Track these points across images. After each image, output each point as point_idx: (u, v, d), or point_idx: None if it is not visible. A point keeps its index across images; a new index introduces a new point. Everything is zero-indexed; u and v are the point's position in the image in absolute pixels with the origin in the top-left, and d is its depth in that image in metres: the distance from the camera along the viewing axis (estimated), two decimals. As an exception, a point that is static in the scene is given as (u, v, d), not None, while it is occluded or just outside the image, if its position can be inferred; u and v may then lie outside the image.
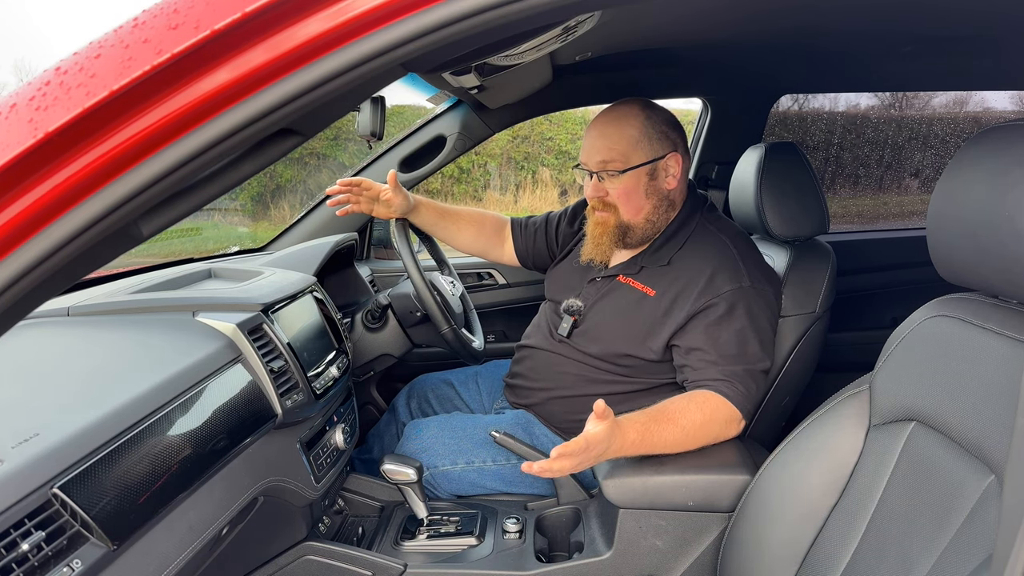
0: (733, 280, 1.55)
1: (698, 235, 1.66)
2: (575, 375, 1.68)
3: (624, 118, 1.63)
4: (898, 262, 2.57)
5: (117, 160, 0.58)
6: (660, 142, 1.62)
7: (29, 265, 0.58)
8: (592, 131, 1.66)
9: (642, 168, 1.61)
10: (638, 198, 1.63)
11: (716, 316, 1.52)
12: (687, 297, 1.56)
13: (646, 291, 1.62)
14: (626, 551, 1.42)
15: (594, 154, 1.63)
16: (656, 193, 1.64)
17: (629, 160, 1.60)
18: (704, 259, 1.60)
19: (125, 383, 1.11)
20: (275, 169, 6.13)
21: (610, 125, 1.63)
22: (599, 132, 1.64)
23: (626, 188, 1.61)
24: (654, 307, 1.59)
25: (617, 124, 1.63)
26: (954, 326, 1.03)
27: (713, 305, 1.53)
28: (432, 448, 1.69)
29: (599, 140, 1.63)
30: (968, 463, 0.93)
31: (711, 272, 1.57)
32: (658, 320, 1.58)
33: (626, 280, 1.67)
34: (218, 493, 1.19)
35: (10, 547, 0.82)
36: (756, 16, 1.64)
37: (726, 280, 1.55)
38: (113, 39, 0.58)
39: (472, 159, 7.80)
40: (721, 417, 1.44)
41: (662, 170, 1.63)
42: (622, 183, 1.61)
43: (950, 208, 1.00)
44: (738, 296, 1.53)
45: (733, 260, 1.58)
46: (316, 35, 0.59)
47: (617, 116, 1.64)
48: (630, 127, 1.61)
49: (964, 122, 3.42)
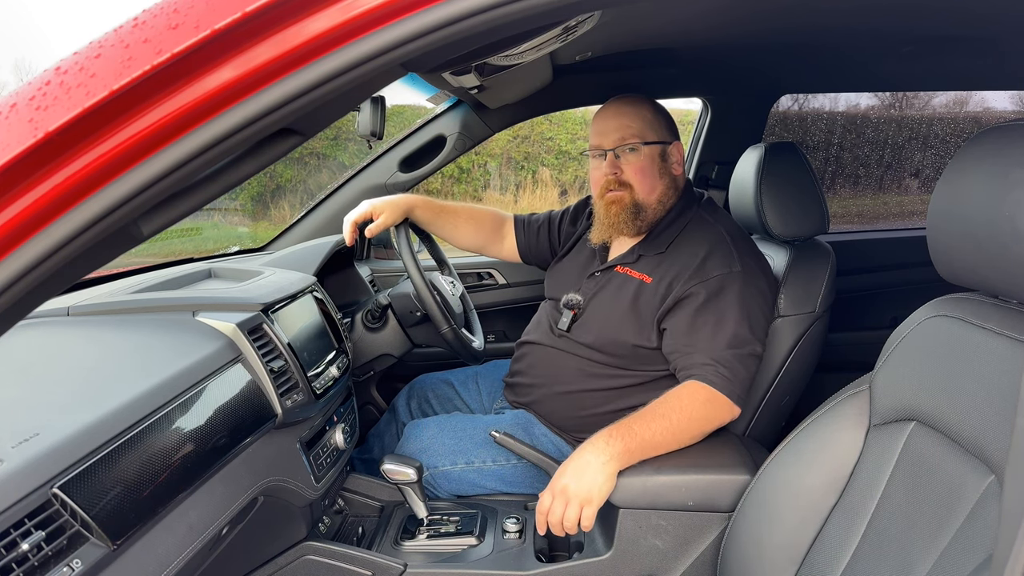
0: (724, 265, 1.57)
1: (695, 224, 1.68)
2: (574, 370, 1.68)
3: (637, 102, 1.70)
4: (898, 262, 2.57)
5: (117, 160, 0.58)
6: (667, 129, 1.70)
7: (29, 265, 0.58)
8: (605, 113, 1.70)
9: (655, 147, 1.67)
10: (652, 177, 1.67)
11: (703, 300, 1.54)
12: (679, 281, 1.58)
13: (643, 279, 1.64)
14: (626, 551, 1.42)
15: (610, 133, 1.66)
16: (667, 175, 1.69)
17: (645, 137, 1.65)
18: (698, 245, 1.62)
19: (125, 383, 1.11)
20: (275, 169, 6.13)
21: (625, 106, 1.69)
22: (614, 112, 1.68)
23: (641, 166, 1.66)
24: (651, 294, 1.61)
25: (632, 105, 1.69)
26: (954, 326, 1.03)
27: (702, 289, 1.54)
28: (432, 448, 1.69)
29: (615, 119, 1.67)
30: (968, 463, 0.93)
31: (703, 256, 1.59)
32: (655, 306, 1.59)
33: (623, 270, 1.69)
34: (218, 493, 1.19)
35: (10, 547, 0.82)
36: (756, 16, 1.65)
37: (716, 265, 1.57)
38: (113, 39, 0.58)
39: (472, 159, 7.80)
40: (709, 405, 1.46)
41: (670, 155, 1.70)
42: (639, 160, 1.65)
43: (950, 208, 1.00)
44: (727, 280, 1.55)
45: (726, 246, 1.60)
46: (316, 35, 0.59)
47: (628, 100, 1.70)
48: (643, 109, 1.68)
49: (964, 122, 3.42)
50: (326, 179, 7.51)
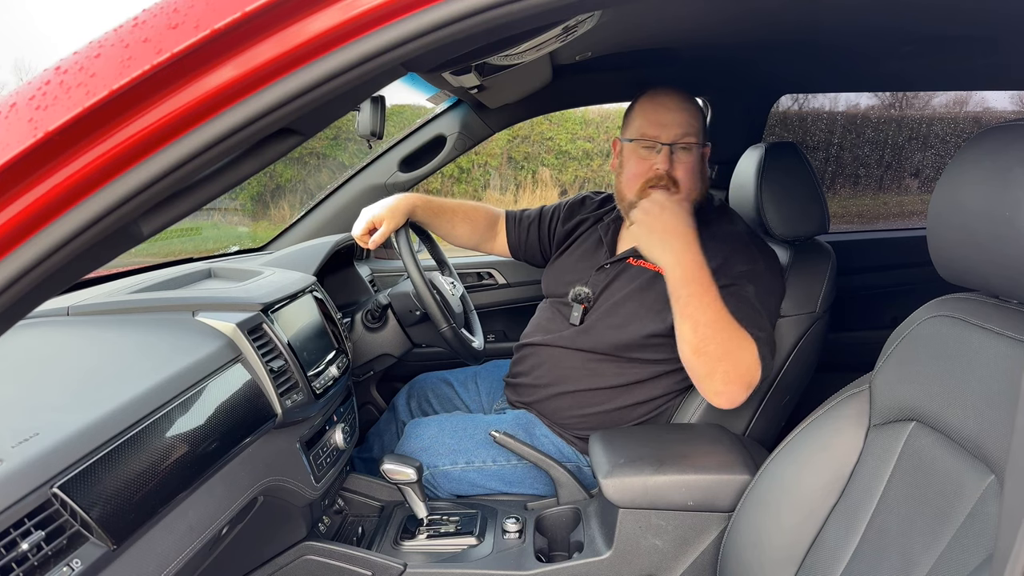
0: (747, 262, 1.56)
1: (712, 225, 1.65)
2: (579, 369, 1.68)
3: (691, 98, 1.65)
4: (898, 262, 2.57)
5: (117, 159, 0.58)
6: (706, 131, 1.68)
7: (29, 265, 0.58)
8: (665, 104, 1.64)
9: (703, 148, 1.65)
10: (699, 177, 1.66)
11: (731, 283, 1.51)
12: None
13: (658, 270, 1.60)
14: (626, 551, 1.42)
15: (671, 126, 1.61)
16: (704, 176, 1.68)
17: (700, 137, 1.63)
18: (718, 245, 1.58)
19: (125, 383, 1.11)
20: (275, 169, 6.13)
21: (685, 101, 1.64)
22: (676, 105, 1.63)
23: (693, 166, 1.63)
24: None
25: (690, 101, 1.65)
26: (954, 326, 1.03)
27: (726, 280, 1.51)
28: (432, 448, 1.69)
29: (679, 113, 1.61)
30: (968, 463, 0.93)
31: (726, 254, 1.56)
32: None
33: (636, 262, 1.68)
34: (218, 493, 1.19)
35: (10, 547, 0.82)
36: (756, 15, 1.64)
37: (740, 261, 1.56)
38: (113, 38, 0.58)
39: (472, 159, 7.80)
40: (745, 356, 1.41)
41: (706, 156, 1.69)
42: (691, 159, 1.63)
43: (950, 208, 1.00)
44: (752, 275, 1.54)
45: (746, 246, 1.60)
46: (316, 35, 0.59)
47: (687, 96, 1.66)
48: (698, 106, 1.65)
49: (964, 122, 3.42)
50: (326, 179, 7.50)
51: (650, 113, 1.64)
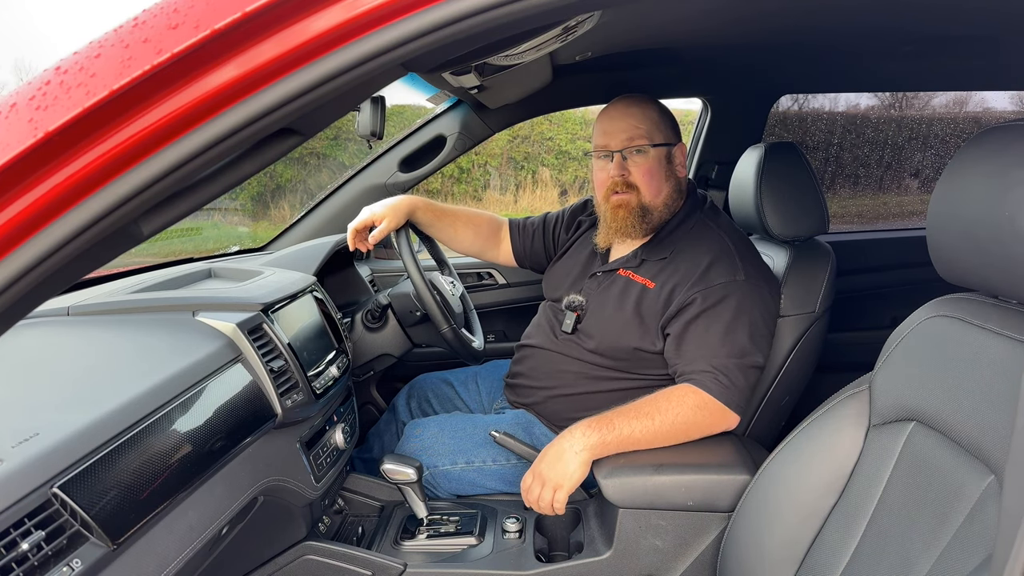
0: (727, 273, 1.56)
1: (698, 230, 1.67)
2: (576, 373, 1.68)
3: (643, 102, 1.68)
4: (898, 262, 2.57)
5: (117, 160, 0.58)
6: (672, 131, 1.69)
7: (29, 265, 0.58)
8: (611, 114, 1.68)
9: (662, 149, 1.66)
10: (659, 179, 1.66)
11: (707, 307, 1.53)
12: (682, 288, 1.57)
13: (646, 283, 1.63)
14: (626, 551, 1.42)
15: (618, 133, 1.65)
16: (672, 177, 1.69)
17: (653, 138, 1.64)
18: (702, 253, 1.61)
19: (125, 383, 1.11)
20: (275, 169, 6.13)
21: (632, 107, 1.67)
22: (622, 113, 1.67)
23: (649, 168, 1.65)
24: (654, 299, 1.60)
25: (639, 106, 1.67)
26: (954, 326, 1.03)
27: (705, 297, 1.54)
28: (432, 448, 1.69)
29: (622, 120, 1.65)
30: (968, 463, 0.93)
31: (707, 264, 1.58)
32: (658, 311, 1.59)
33: (626, 273, 1.68)
34: (218, 493, 1.19)
35: (10, 547, 0.82)
36: (756, 16, 1.64)
37: (720, 273, 1.56)
38: (113, 39, 0.58)
39: (472, 159, 7.80)
40: (699, 411, 1.46)
41: (675, 156, 1.69)
42: (646, 162, 1.64)
43: (950, 208, 1.00)
44: (731, 289, 1.54)
45: (730, 255, 1.60)
46: (316, 35, 0.59)
47: (636, 100, 1.69)
48: (650, 109, 1.67)
49: (964, 122, 3.42)
50: (326, 179, 7.51)
51: (601, 123, 1.70)
